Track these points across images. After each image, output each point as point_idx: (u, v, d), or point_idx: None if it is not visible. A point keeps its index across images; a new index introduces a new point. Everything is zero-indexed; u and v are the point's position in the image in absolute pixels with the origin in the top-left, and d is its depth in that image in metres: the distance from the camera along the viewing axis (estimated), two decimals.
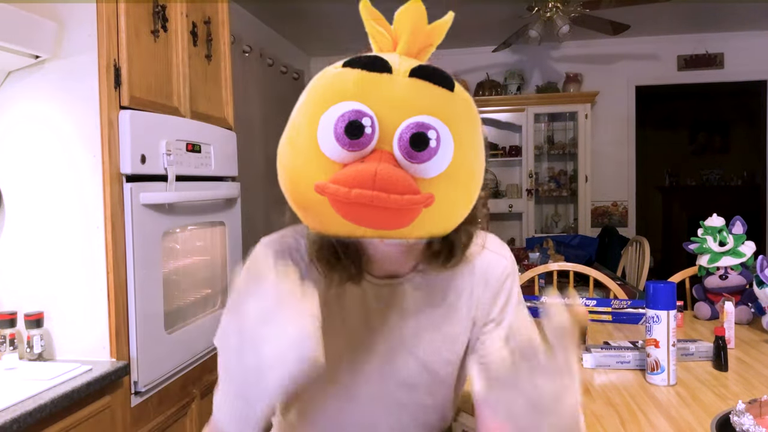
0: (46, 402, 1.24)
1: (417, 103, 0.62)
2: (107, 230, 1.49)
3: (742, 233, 1.86)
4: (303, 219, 0.70)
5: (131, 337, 1.55)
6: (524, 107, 4.75)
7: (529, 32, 3.49)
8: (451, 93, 0.65)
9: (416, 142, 0.61)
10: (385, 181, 0.60)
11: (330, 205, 0.62)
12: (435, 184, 0.63)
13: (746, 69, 4.73)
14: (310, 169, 0.63)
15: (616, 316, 1.87)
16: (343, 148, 0.61)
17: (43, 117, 1.52)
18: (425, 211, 0.63)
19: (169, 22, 1.77)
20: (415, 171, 0.62)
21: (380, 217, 0.62)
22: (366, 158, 0.62)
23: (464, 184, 0.66)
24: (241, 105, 3.14)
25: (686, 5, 3.90)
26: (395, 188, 0.60)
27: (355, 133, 0.61)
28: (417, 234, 0.66)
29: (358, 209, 0.61)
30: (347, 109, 0.61)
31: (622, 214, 4.99)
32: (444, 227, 0.68)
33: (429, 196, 0.62)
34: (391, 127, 0.62)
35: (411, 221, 0.64)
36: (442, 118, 0.63)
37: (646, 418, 1.11)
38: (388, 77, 0.63)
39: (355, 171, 0.60)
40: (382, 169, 0.60)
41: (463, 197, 0.67)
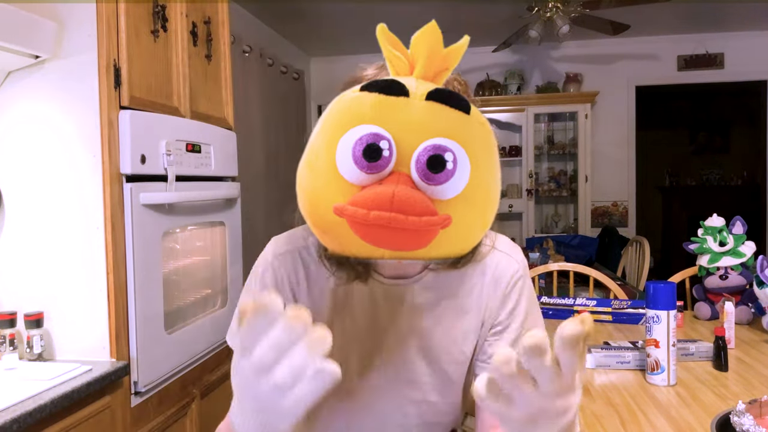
0: (46, 402, 1.24)
1: (434, 126, 0.64)
2: (107, 230, 1.49)
3: (742, 233, 1.86)
4: (323, 241, 0.71)
5: (131, 337, 1.55)
6: (524, 107, 4.75)
7: (529, 32, 3.49)
8: (467, 116, 0.66)
9: (433, 164, 0.62)
10: (402, 202, 0.61)
11: (349, 226, 0.63)
12: (452, 205, 0.64)
13: (746, 69, 4.73)
14: (329, 191, 0.64)
15: (616, 316, 1.87)
16: (361, 171, 0.62)
17: (43, 117, 1.52)
18: (442, 233, 0.64)
19: (169, 22, 1.77)
20: (432, 193, 0.63)
21: (398, 238, 0.63)
22: (384, 180, 0.63)
23: (481, 206, 0.67)
24: (241, 105, 3.14)
25: (686, 5, 3.90)
26: (413, 210, 0.61)
27: (373, 156, 0.62)
28: (434, 255, 0.67)
29: (377, 231, 0.62)
30: (365, 133, 0.62)
31: (622, 214, 4.99)
32: (461, 248, 0.69)
33: (446, 218, 0.63)
34: (408, 149, 0.63)
35: (429, 242, 0.65)
36: (459, 141, 0.64)
37: (646, 418, 1.11)
38: (405, 101, 0.64)
39: (374, 193, 0.61)
40: (399, 191, 0.61)
41: (480, 218, 0.68)
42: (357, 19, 4.05)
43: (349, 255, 0.70)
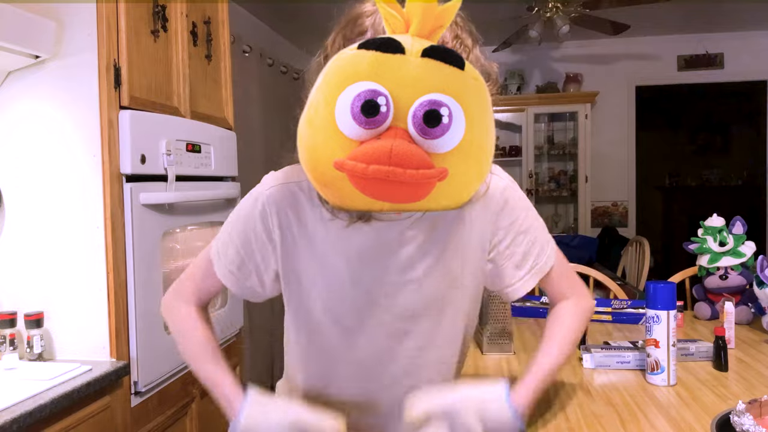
0: (46, 402, 1.24)
1: (429, 82, 0.65)
2: (107, 230, 1.49)
3: (742, 233, 1.86)
4: (323, 194, 0.73)
5: (131, 337, 1.55)
6: (524, 107, 4.75)
7: (529, 32, 3.49)
8: (461, 72, 0.67)
9: (429, 119, 0.64)
10: (400, 156, 0.63)
11: (349, 180, 0.66)
12: (448, 158, 0.66)
13: (746, 69, 4.73)
14: (328, 146, 0.66)
15: (616, 316, 1.87)
16: (359, 127, 0.64)
17: (43, 117, 1.52)
18: (439, 185, 0.67)
19: (169, 22, 1.77)
20: (428, 146, 0.65)
21: (397, 191, 0.65)
22: (382, 135, 0.65)
23: (476, 158, 0.70)
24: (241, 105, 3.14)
25: (686, 5, 3.90)
26: (410, 163, 0.63)
27: (371, 112, 0.64)
28: (432, 206, 0.71)
29: (376, 184, 0.65)
30: (363, 89, 0.64)
31: (622, 214, 4.99)
32: (458, 200, 0.72)
33: (443, 170, 0.66)
34: (405, 105, 0.65)
35: (426, 194, 0.67)
36: (454, 96, 0.65)
37: (646, 418, 1.11)
38: (401, 58, 0.66)
39: (372, 148, 0.64)
40: (397, 145, 0.63)
41: (476, 170, 0.71)
42: None
43: (349, 208, 0.74)
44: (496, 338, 1.54)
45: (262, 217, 0.91)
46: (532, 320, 1.93)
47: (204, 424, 1.90)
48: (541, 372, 0.96)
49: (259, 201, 0.91)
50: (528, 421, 1.10)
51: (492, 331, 1.54)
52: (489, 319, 1.53)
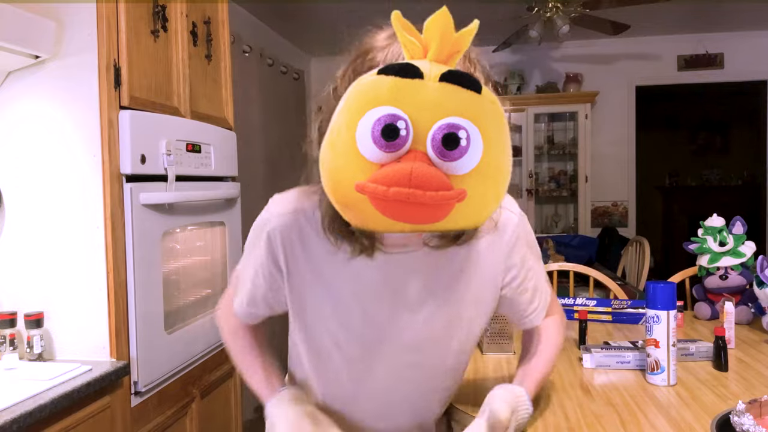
0: (46, 402, 1.24)
1: (448, 106, 0.67)
2: (107, 230, 1.49)
3: (742, 233, 1.86)
4: (345, 216, 0.75)
5: (131, 337, 1.55)
6: (524, 107, 4.75)
7: (529, 32, 3.49)
8: (478, 95, 0.69)
9: (448, 142, 0.66)
10: (420, 179, 0.65)
11: (370, 202, 0.68)
12: (467, 180, 0.68)
13: (746, 69, 4.73)
14: (350, 169, 0.68)
15: (616, 316, 1.87)
16: (380, 150, 0.66)
17: (43, 117, 1.52)
18: (458, 206, 0.68)
19: (169, 22, 1.77)
20: (447, 169, 0.67)
21: (417, 212, 0.67)
22: (402, 158, 0.67)
23: (493, 179, 0.71)
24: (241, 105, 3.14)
25: (686, 5, 3.90)
26: (430, 185, 0.65)
27: (391, 136, 0.66)
28: (450, 227, 0.72)
29: (396, 206, 0.66)
30: (383, 114, 0.66)
31: (622, 214, 4.99)
32: (476, 220, 0.74)
33: (461, 192, 0.67)
34: (424, 128, 0.67)
35: (445, 215, 0.69)
36: (471, 119, 0.67)
37: (646, 418, 1.11)
38: (420, 83, 0.67)
39: (393, 170, 0.65)
40: (417, 167, 0.65)
41: (493, 191, 0.72)
42: (357, 19, 4.03)
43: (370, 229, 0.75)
44: (496, 338, 1.54)
45: (268, 248, 0.94)
46: None
47: (204, 424, 1.90)
48: (538, 381, 1.05)
49: (265, 231, 0.94)
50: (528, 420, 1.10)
51: (492, 331, 1.54)
52: (489, 319, 1.53)
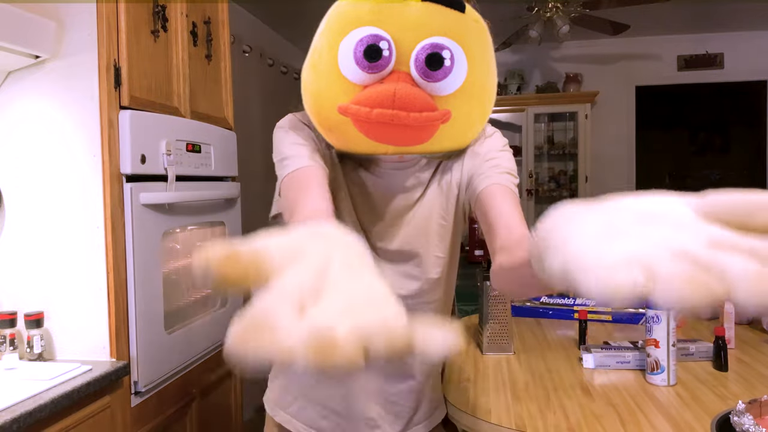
0: (46, 402, 1.24)
1: (431, 26, 0.65)
2: (107, 230, 1.49)
3: None
4: (328, 138, 0.73)
5: (131, 337, 1.55)
6: (524, 107, 4.75)
7: (529, 32, 3.48)
8: (462, 14, 0.67)
9: (431, 62, 0.65)
10: (403, 99, 0.63)
11: (353, 124, 0.66)
12: (451, 101, 0.67)
13: (746, 69, 4.73)
14: (332, 91, 0.67)
15: (616, 316, 1.87)
16: (362, 71, 0.65)
17: (43, 117, 1.52)
18: (443, 127, 0.68)
19: (169, 22, 1.77)
20: (431, 89, 0.66)
21: (400, 134, 0.66)
22: (385, 79, 0.65)
23: (478, 100, 0.70)
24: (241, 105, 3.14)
25: (686, 5, 3.90)
26: (414, 106, 0.64)
27: (373, 56, 0.65)
28: (436, 148, 0.71)
29: (380, 128, 0.65)
30: (365, 34, 0.65)
31: None
32: (461, 141, 0.73)
33: (446, 113, 0.66)
34: (407, 49, 0.65)
35: (430, 137, 0.68)
36: (455, 38, 0.66)
37: (646, 418, 1.11)
38: (401, 2, 0.66)
39: (375, 92, 0.64)
40: (400, 88, 0.64)
41: (478, 112, 0.71)
42: None
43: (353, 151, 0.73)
44: (496, 338, 1.54)
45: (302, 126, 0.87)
46: (532, 320, 1.93)
47: (204, 424, 1.90)
48: None
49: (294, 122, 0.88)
50: (528, 420, 1.10)
51: (492, 331, 1.54)
52: (489, 319, 1.53)
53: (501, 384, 1.32)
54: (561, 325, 1.85)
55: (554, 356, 1.52)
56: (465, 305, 2.90)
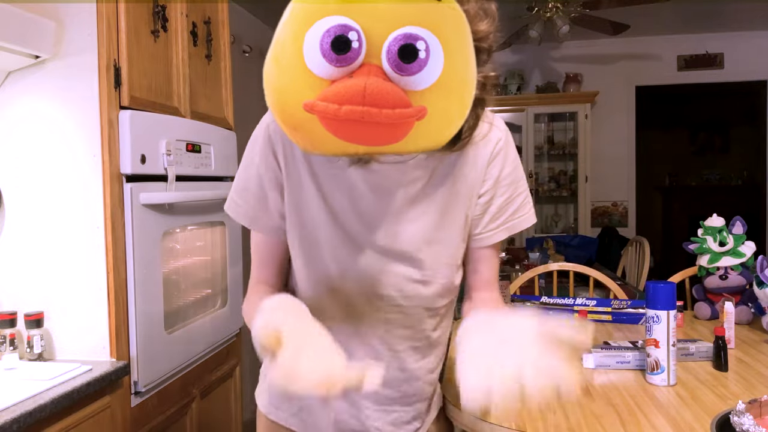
0: (46, 402, 1.24)
1: (403, 14, 0.61)
2: (107, 230, 1.49)
3: (742, 233, 1.86)
4: (293, 139, 0.68)
5: (131, 337, 1.55)
6: (524, 107, 4.75)
7: (529, 32, 3.49)
8: (437, 2, 0.62)
9: (405, 54, 0.60)
10: (375, 95, 0.59)
11: (320, 123, 0.62)
12: (427, 95, 0.62)
13: (746, 69, 4.73)
14: (297, 87, 0.62)
15: (616, 316, 1.87)
16: (330, 64, 0.60)
17: (43, 117, 1.52)
18: (418, 124, 0.63)
19: (169, 22, 1.77)
20: (405, 84, 0.61)
21: (372, 132, 0.61)
22: (354, 73, 0.61)
23: (457, 94, 0.65)
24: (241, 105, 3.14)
25: (686, 5, 3.90)
26: (386, 102, 0.60)
27: (342, 48, 0.60)
28: (411, 148, 0.66)
29: (349, 126, 0.61)
30: (333, 24, 0.60)
31: (622, 214, 4.99)
32: (438, 140, 0.68)
33: (421, 109, 0.62)
34: (378, 40, 0.61)
35: (404, 135, 0.63)
36: (430, 28, 0.61)
37: (646, 418, 1.11)
38: None
39: (344, 87, 0.60)
40: (371, 83, 0.59)
41: (457, 107, 0.66)
42: None
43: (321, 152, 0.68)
44: None
45: (270, 146, 0.90)
46: None
47: (204, 424, 1.90)
48: None
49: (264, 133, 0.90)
50: (528, 421, 1.10)
51: None
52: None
53: None
54: None
55: None
56: None
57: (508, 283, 1.52)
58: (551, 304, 1.97)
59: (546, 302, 1.98)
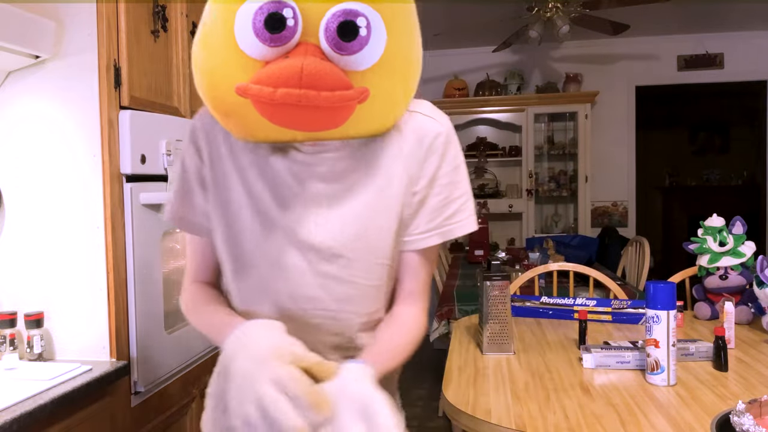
0: (46, 402, 1.24)
1: None
2: (107, 230, 1.49)
3: (742, 233, 1.86)
4: (225, 125, 0.63)
5: (131, 337, 1.55)
6: (524, 107, 4.75)
7: (529, 32, 3.49)
8: None
9: (344, 32, 0.56)
10: (313, 77, 0.54)
11: (254, 107, 0.57)
12: (368, 76, 0.58)
13: (746, 69, 4.73)
14: (228, 69, 0.58)
15: (616, 316, 1.87)
16: (263, 44, 0.56)
17: (43, 117, 1.52)
18: (360, 108, 0.58)
19: (169, 22, 1.77)
20: (345, 64, 0.57)
21: (310, 117, 0.57)
22: (290, 53, 0.56)
23: (401, 74, 0.61)
24: None
25: (686, 5, 3.90)
26: (325, 84, 0.55)
27: (276, 27, 0.56)
28: (352, 133, 0.62)
29: (286, 110, 0.56)
30: (265, 1, 0.56)
31: (622, 214, 4.99)
32: (382, 123, 0.63)
33: (363, 90, 0.57)
34: (315, 17, 0.56)
35: (345, 120, 0.59)
36: (371, 3, 0.57)
37: (646, 418, 1.11)
38: None
39: (279, 68, 0.55)
40: (308, 63, 0.55)
41: (402, 88, 0.62)
42: None
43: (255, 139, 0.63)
44: (496, 338, 1.54)
45: (194, 141, 0.85)
46: (532, 320, 1.93)
47: None
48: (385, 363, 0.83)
49: (191, 126, 0.85)
50: (528, 420, 1.10)
51: (492, 331, 1.54)
52: (489, 319, 1.53)
53: (501, 384, 1.32)
54: (561, 325, 1.85)
55: (554, 356, 1.52)
56: (465, 305, 2.90)
57: (508, 283, 1.52)
58: (551, 304, 1.97)
59: (546, 302, 1.98)
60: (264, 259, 0.83)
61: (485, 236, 4.06)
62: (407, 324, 0.87)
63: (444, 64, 4.89)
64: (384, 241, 0.83)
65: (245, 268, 0.85)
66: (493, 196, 4.82)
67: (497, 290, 1.52)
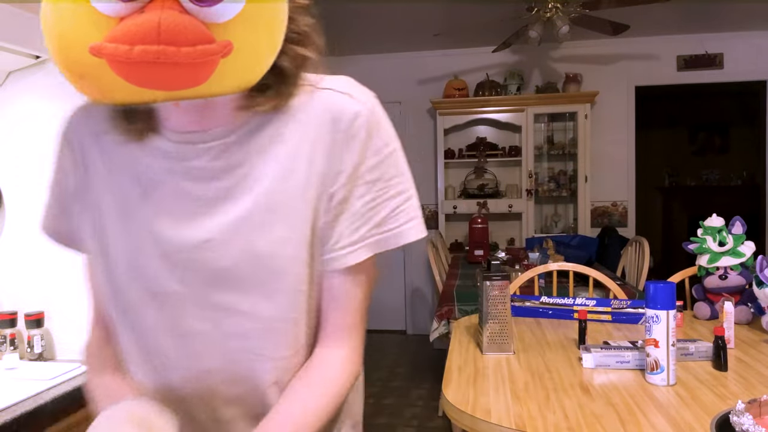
0: (47, 402, 1.24)
1: None
2: None
3: (741, 233, 1.86)
4: (80, 89, 0.58)
5: None
6: (524, 107, 4.75)
7: (529, 32, 3.49)
8: None
9: None
10: (171, 31, 0.51)
11: (109, 67, 0.53)
12: (231, 29, 0.54)
13: (746, 69, 4.73)
14: (81, 29, 0.53)
15: (616, 316, 1.87)
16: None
17: (43, 117, 1.52)
18: (223, 62, 0.55)
19: None
20: (205, 16, 0.53)
21: (170, 74, 0.53)
22: (146, 8, 0.52)
23: (266, 26, 0.57)
24: None
25: (686, 5, 3.90)
26: (185, 39, 0.52)
27: None
28: (217, 90, 0.57)
29: (144, 69, 0.52)
30: None
31: (621, 214, 4.99)
32: (248, 79, 0.59)
33: (226, 44, 0.54)
34: None
35: (208, 76, 0.55)
36: None
37: (645, 418, 1.11)
38: None
39: (135, 24, 0.51)
40: (166, 17, 0.51)
41: (267, 40, 0.58)
42: (356, 20, 4.05)
43: (114, 102, 0.59)
44: (496, 338, 1.54)
45: (65, 145, 0.79)
46: (532, 320, 1.94)
47: None
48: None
49: (59, 129, 0.78)
50: (528, 420, 1.10)
51: (492, 331, 1.54)
52: (489, 319, 1.53)
53: (501, 384, 1.32)
54: (561, 325, 1.85)
55: (554, 356, 1.52)
56: (465, 305, 2.90)
57: (507, 282, 1.53)
58: (551, 303, 1.97)
59: (546, 302, 1.98)
60: (139, 284, 0.71)
61: (485, 236, 4.07)
62: (329, 377, 0.72)
63: (444, 64, 4.90)
64: (292, 259, 0.67)
65: (119, 297, 0.74)
66: (493, 196, 4.83)
67: (497, 290, 1.52)
